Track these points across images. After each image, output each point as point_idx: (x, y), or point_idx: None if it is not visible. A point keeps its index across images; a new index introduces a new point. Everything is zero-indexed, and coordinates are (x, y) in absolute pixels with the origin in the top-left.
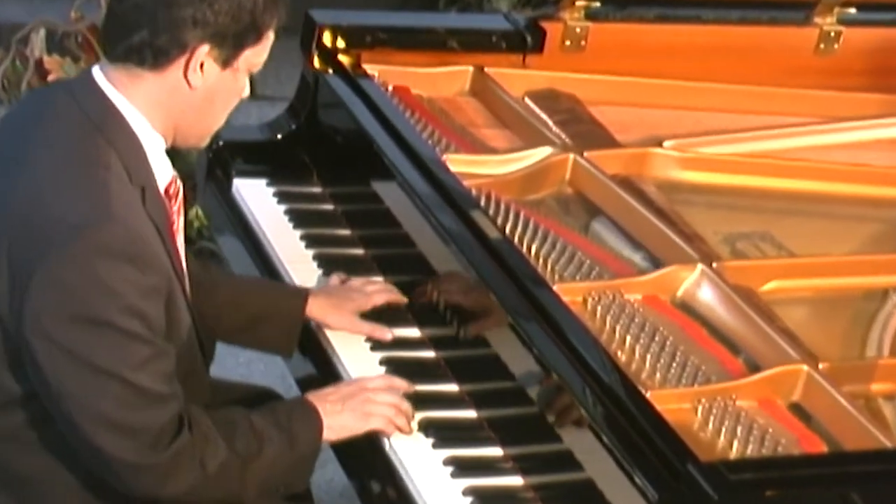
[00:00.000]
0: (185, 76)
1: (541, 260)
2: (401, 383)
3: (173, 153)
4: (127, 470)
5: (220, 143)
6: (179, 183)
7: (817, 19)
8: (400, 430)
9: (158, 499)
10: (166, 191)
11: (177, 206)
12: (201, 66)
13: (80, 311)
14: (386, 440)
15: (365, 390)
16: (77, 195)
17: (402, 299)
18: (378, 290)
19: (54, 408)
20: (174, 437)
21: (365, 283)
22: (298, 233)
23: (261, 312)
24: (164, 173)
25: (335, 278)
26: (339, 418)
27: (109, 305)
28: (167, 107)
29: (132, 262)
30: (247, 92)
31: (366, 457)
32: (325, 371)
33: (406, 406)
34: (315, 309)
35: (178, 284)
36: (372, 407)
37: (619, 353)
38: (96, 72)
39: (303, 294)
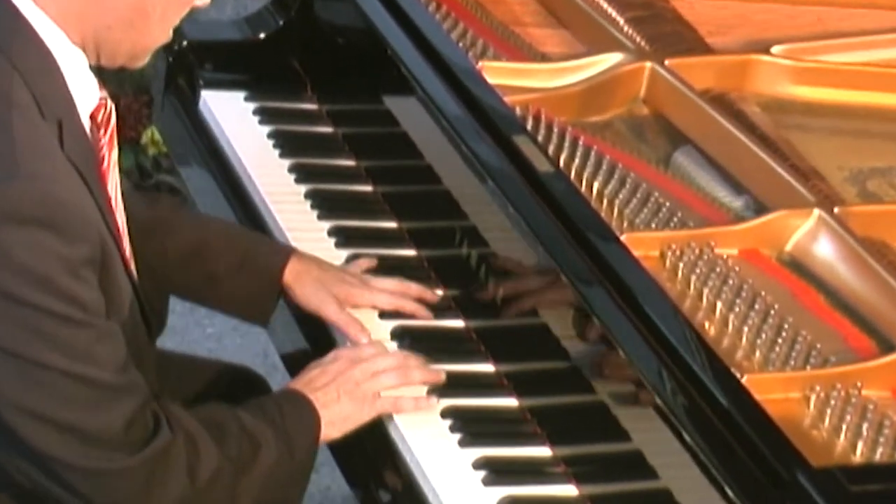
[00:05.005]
0: None
1: (605, 201)
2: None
3: None
4: (97, 483)
5: (184, 43)
6: (111, 105)
7: None
8: (417, 401)
9: None
10: (93, 117)
11: (108, 137)
12: None
13: None
14: (400, 434)
15: (357, 362)
16: None
17: (422, 313)
18: (387, 291)
19: None
20: (150, 436)
21: (380, 279)
22: (287, 163)
23: (228, 269)
24: (88, 97)
25: (362, 263)
26: (337, 408)
27: (27, 286)
28: (86, 17)
29: (51, 228)
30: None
31: (372, 458)
32: (322, 347)
33: (415, 361)
34: (290, 273)
35: (112, 246)
36: (373, 383)
37: (706, 324)
38: None
39: (285, 253)
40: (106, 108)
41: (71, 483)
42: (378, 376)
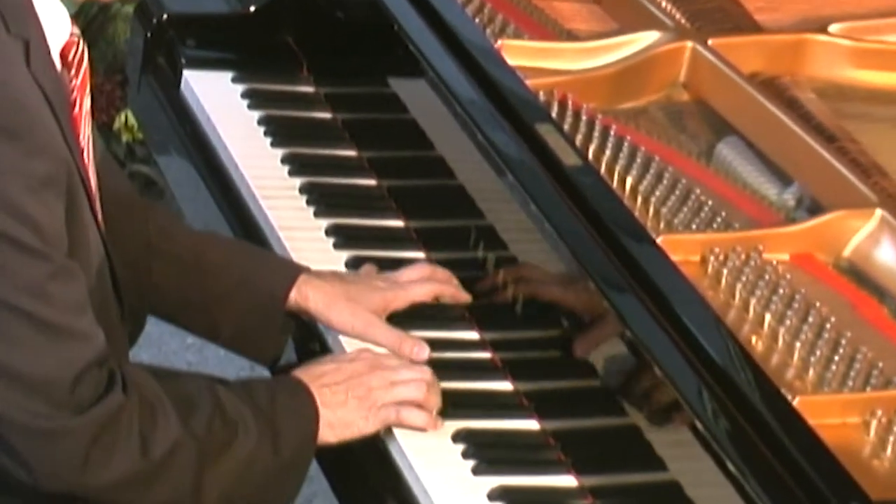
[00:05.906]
0: None
1: (640, 199)
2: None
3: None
4: (37, 445)
5: (164, 16)
6: (84, 45)
7: None
8: (427, 417)
9: (78, 494)
10: (64, 56)
11: (80, 80)
12: None
13: None
14: (406, 461)
15: (378, 368)
16: None
17: (461, 295)
18: (419, 280)
19: None
20: (101, 394)
21: (400, 271)
22: (279, 153)
23: (225, 288)
24: (58, 28)
25: (367, 268)
26: (342, 412)
27: None
28: None
29: (9, 137)
30: None
31: (373, 486)
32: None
33: (436, 382)
34: (314, 297)
35: (81, 189)
36: (387, 393)
37: (753, 339)
38: None
39: (292, 272)
40: (78, 48)
41: (10, 443)
42: (396, 387)
